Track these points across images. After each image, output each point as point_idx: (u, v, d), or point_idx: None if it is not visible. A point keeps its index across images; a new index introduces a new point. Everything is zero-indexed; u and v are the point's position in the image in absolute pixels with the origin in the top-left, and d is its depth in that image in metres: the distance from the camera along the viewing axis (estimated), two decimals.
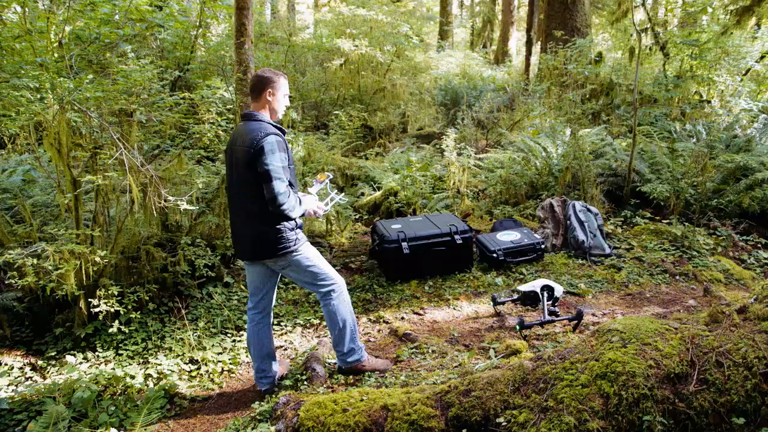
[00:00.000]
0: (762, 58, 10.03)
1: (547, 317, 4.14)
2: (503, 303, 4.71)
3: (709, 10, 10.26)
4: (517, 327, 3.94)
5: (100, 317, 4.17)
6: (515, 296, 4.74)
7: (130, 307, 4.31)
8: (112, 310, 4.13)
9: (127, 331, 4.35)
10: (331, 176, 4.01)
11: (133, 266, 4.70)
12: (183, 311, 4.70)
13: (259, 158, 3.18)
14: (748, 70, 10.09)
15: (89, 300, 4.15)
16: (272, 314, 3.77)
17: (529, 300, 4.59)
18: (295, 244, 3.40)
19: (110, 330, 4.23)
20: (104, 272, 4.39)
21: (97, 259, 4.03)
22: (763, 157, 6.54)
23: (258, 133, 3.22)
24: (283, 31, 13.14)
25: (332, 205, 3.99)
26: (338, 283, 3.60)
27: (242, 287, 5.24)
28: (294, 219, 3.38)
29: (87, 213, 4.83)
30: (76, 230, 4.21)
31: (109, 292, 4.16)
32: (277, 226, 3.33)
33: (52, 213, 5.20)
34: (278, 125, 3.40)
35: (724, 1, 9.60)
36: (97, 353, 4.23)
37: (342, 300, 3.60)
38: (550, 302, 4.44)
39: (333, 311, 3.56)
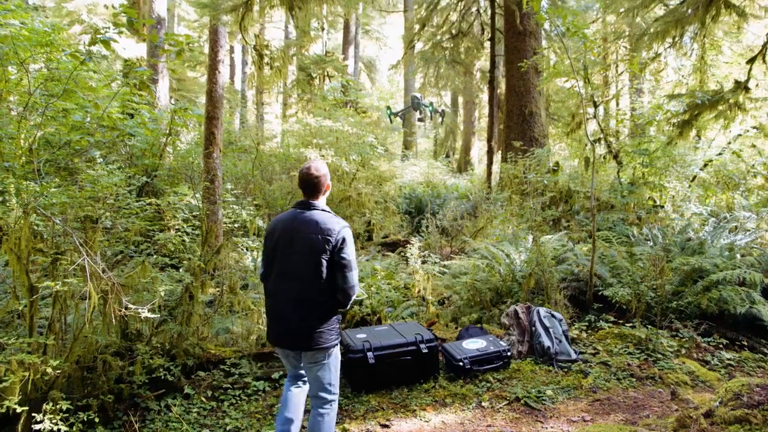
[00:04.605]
0: (705, 166, 10.66)
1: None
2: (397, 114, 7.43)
3: (655, 122, 10.97)
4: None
5: None
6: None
7: (77, 427, 3.98)
8: (57, 428, 3.80)
9: None
10: None
11: (88, 377, 4.48)
12: (137, 425, 4.45)
13: (342, 249, 3.23)
14: (694, 177, 10.68)
15: (32, 415, 3.83)
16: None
17: (416, 100, 8.10)
18: (336, 339, 3.35)
19: None
20: (55, 384, 4.15)
21: (49, 369, 3.82)
22: (716, 259, 6.77)
23: (335, 224, 3.30)
24: (252, 140, 13.49)
25: None
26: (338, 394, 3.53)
27: (203, 399, 5.01)
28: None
29: (42, 320, 4.65)
30: (28, 338, 4.03)
31: (58, 406, 3.90)
32: (334, 317, 3.31)
33: (4, 320, 4.98)
34: None
35: (667, 115, 10.30)
36: None
37: (336, 412, 3.49)
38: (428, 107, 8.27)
39: (329, 421, 3.41)
